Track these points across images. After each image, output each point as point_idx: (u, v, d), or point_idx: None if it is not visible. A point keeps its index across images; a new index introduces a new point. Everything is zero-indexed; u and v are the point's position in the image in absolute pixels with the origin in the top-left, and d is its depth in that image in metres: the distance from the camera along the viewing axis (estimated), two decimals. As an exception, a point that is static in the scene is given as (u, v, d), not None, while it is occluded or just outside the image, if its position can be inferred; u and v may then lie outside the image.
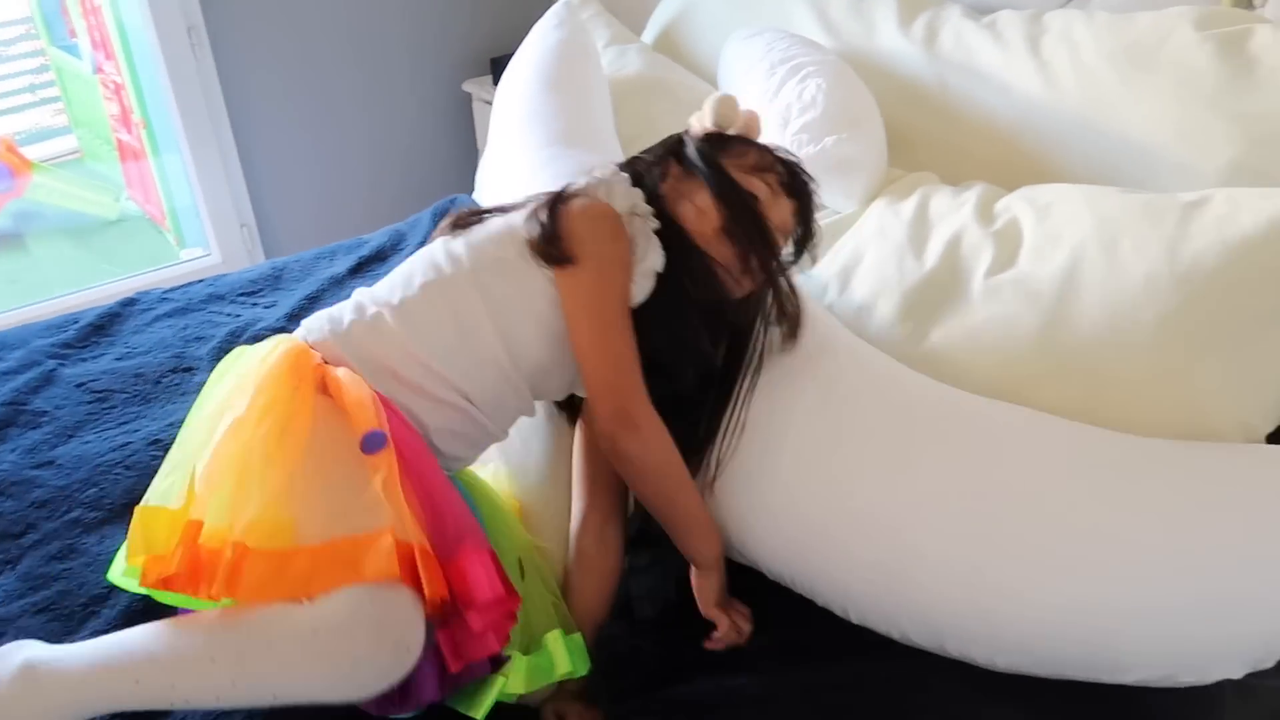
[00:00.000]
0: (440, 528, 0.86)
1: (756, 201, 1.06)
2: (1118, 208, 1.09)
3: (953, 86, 1.45)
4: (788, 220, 1.10)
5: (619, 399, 0.98)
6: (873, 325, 1.20)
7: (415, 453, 0.90)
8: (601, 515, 1.09)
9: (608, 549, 1.08)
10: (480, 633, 0.84)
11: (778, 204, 1.08)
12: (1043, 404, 1.02)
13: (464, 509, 0.91)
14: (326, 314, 1.08)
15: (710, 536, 1.03)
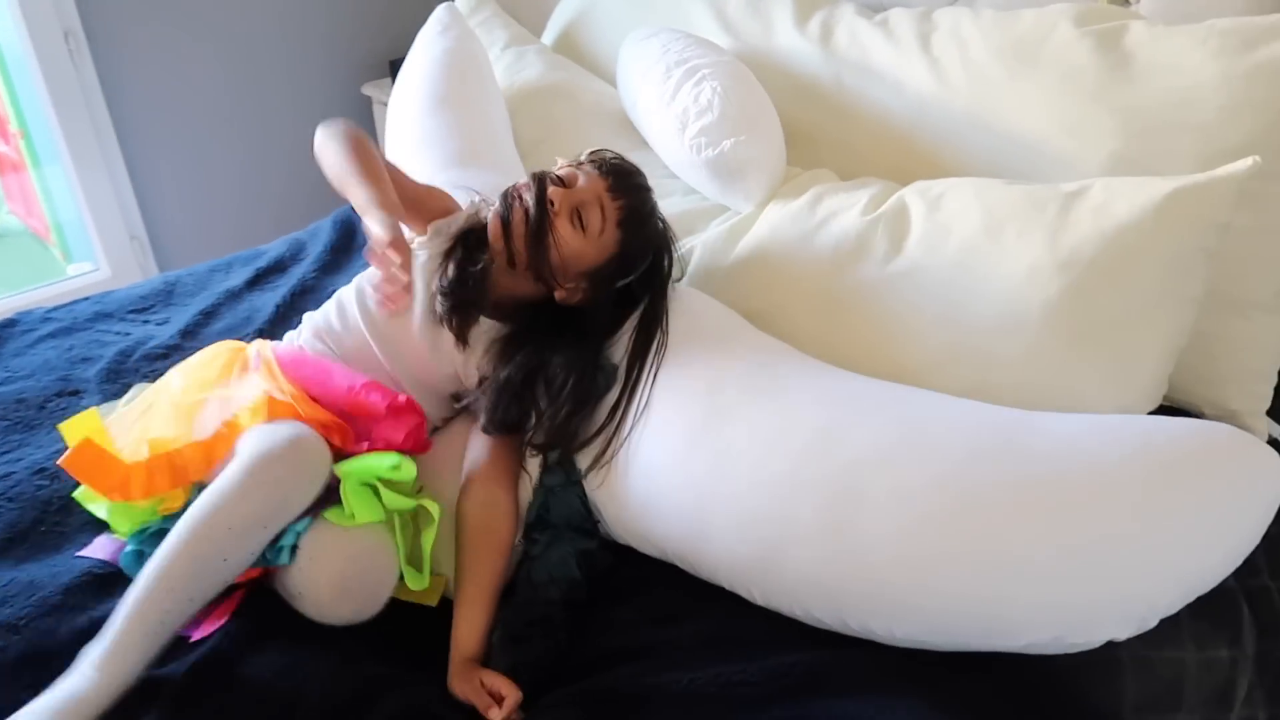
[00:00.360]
0: (332, 385, 1.12)
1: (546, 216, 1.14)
2: (1003, 198, 1.12)
3: (849, 84, 1.47)
4: (589, 196, 1.16)
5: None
6: (775, 321, 1.21)
7: (301, 363, 1.17)
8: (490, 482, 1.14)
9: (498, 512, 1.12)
10: (400, 435, 1.09)
11: (586, 180, 1.16)
12: (939, 389, 1.05)
13: (349, 373, 1.14)
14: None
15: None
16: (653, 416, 1.08)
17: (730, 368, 1.08)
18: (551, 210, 1.15)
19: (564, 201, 1.16)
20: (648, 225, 1.20)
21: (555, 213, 1.15)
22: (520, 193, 1.17)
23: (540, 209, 1.14)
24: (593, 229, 1.16)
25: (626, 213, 1.17)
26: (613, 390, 1.12)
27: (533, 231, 1.14)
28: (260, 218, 2.76)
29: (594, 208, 1.16)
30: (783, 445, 0.97)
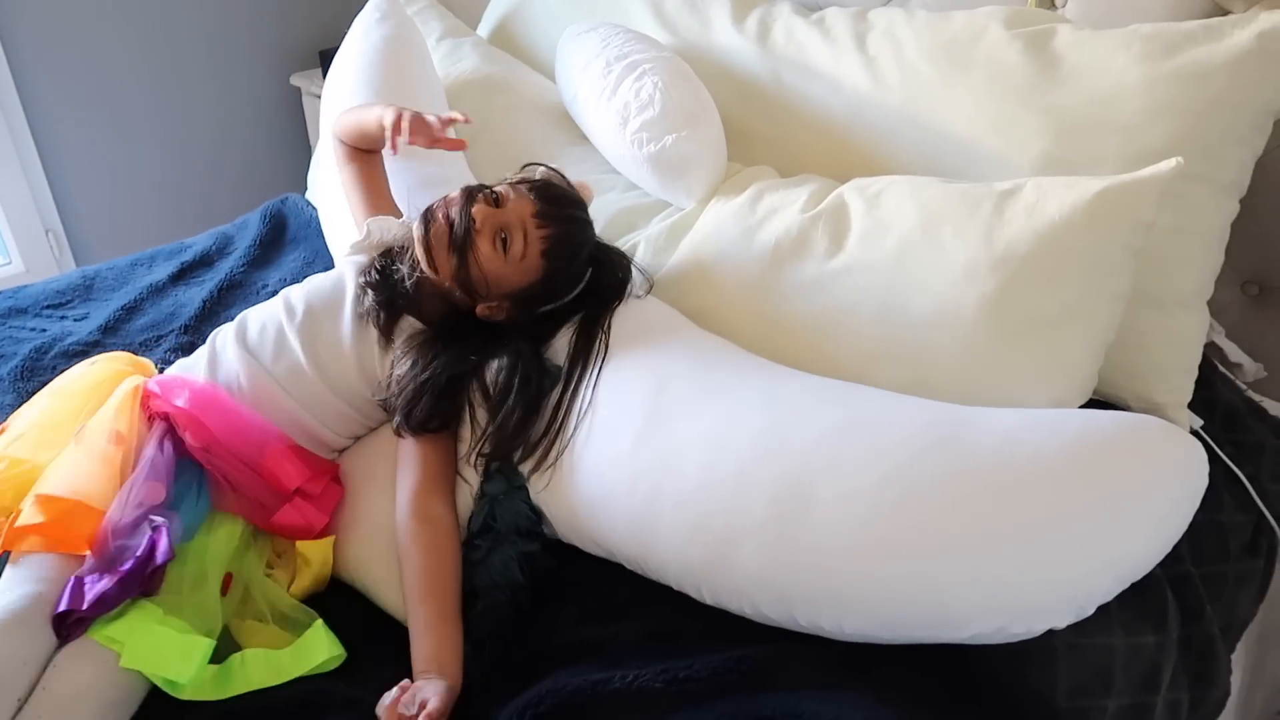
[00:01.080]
0: (243, 444, 1.08)
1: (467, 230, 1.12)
2: (940, 197, 1.14)
3: (786, 82, 1.48)
4: (514, 219, 1.13)
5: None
6: (717, 318, 1.22)
7: (208, 403, 1.10)
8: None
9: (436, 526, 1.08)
10: (305, 514, 1.08)
11: (515, 202, 1.14)
12: (877, 384, 1.06)
13: (265, 429, 1.10)
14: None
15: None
16: (597, 418, 1.07)
17: (674, 367, 1.08)
18: (474, 227, 1.12)
19: (487, 221, 1.12)
20: (577, 257, 1.17)
21: (478, 230, 1.12)
22: (448, 206, 1.15)
23: (465, 223, 1.12)
24: (514, 253, 1.13)
25: (552, 242, 1.14)
26: (554, 391, 1.11)
27: (455, 245, 1.12)
28: (182, 212, 2.67)
29: (518, 231, 1.13)
30: (730, 445, 0.97)
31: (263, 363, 1.14)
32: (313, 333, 1.17)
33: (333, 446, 1.18)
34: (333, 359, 1.16)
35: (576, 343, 1.15)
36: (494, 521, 1.09)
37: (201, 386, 1.12)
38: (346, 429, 1.18)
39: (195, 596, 0.98)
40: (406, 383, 1.12)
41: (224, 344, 1.18)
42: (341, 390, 1.15)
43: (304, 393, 1.14)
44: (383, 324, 1.15)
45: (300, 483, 1.08)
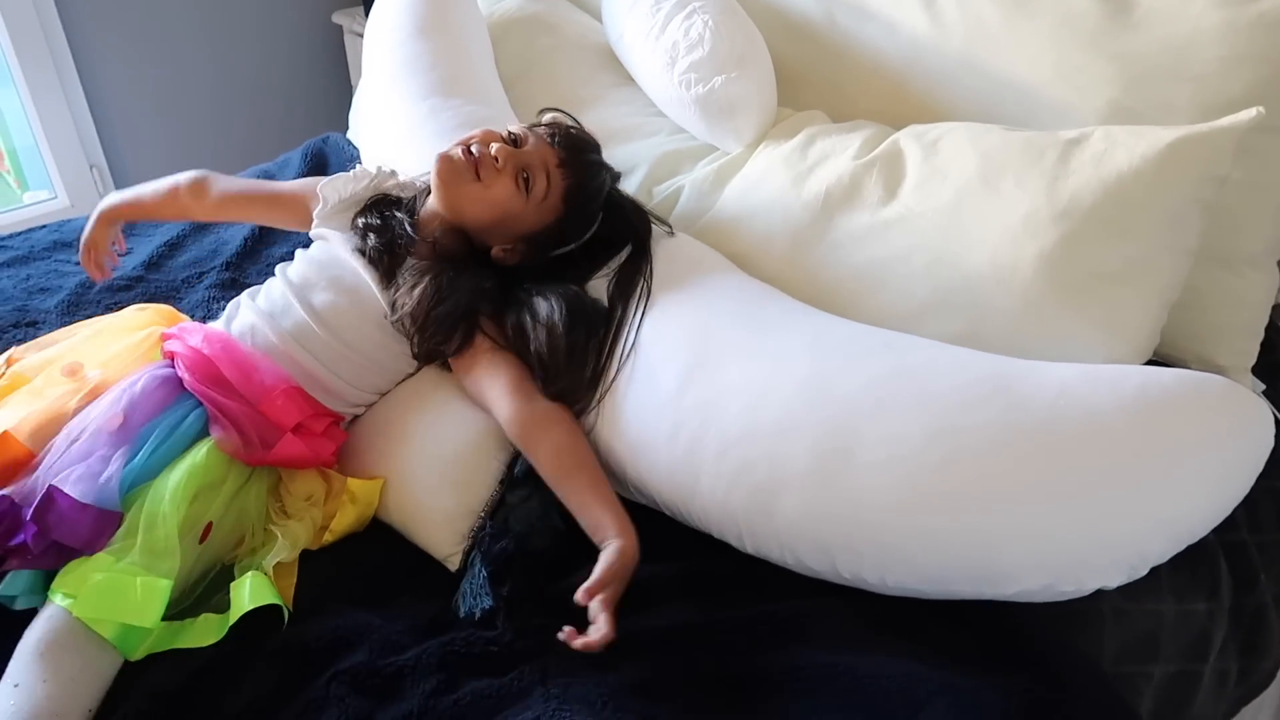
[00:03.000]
0: (248, 383, 1.08)
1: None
2: (1001, 145, 1.10)
3: (841, 23, 1.43)
4: (536, 161, 1.14)
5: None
6: (762, 265, 1.19)
7: (223, 353, 1.10)
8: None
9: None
10: (307, 447, 1.07)
11: (536, 146, 1.15)
12: (926, 337, 1.04)
13: (273, 371, 1.10)
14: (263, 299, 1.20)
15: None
16: (640, 361, 1.05)
17: (719, 311, 1.06)
18: (495, 166, 1.13)
19: (510, 160, 1.14)
20: (593, 202, 1.18)
21: (499, 169, 1.13)
22: (468, 143, 1.15)
23: (487, 158, 1.13)
24: (536, 193, 1.14)
25: (573, 185, 1.16)
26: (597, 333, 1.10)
27: (476, 177, 1.13)
28: (225, 149, 2.67)
29: (540, 172, 1.14)
30: (774, 392, 0.95)
31: (275, 321, 1.14)
32: (310, 293, 1.16)
33: (353, 401, 1.16)
34: (335, 312, 1.14)
35: (618, 284, 1.14)
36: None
37: (216, 332, 1.13)
38: (366, 381, 1.16)
39: (148, 538, 0.95)
40: (422, 308, 1.10)
41: (237, 306, 1.19)
42: (352, 340, 1.14)
43: (317, 348, 1.13)
44: (385, 266, 1.14)
45: (300, 419, 1.07)
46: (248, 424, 1.06)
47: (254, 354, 1.11)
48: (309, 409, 1.10)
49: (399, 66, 1.52)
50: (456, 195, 1.14)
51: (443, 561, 1.06)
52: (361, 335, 1.14)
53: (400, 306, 1.11)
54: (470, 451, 1.10)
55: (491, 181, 1.13)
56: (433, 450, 1.10)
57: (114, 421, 1.01)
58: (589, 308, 1.12)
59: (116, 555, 0.94)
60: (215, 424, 1.06)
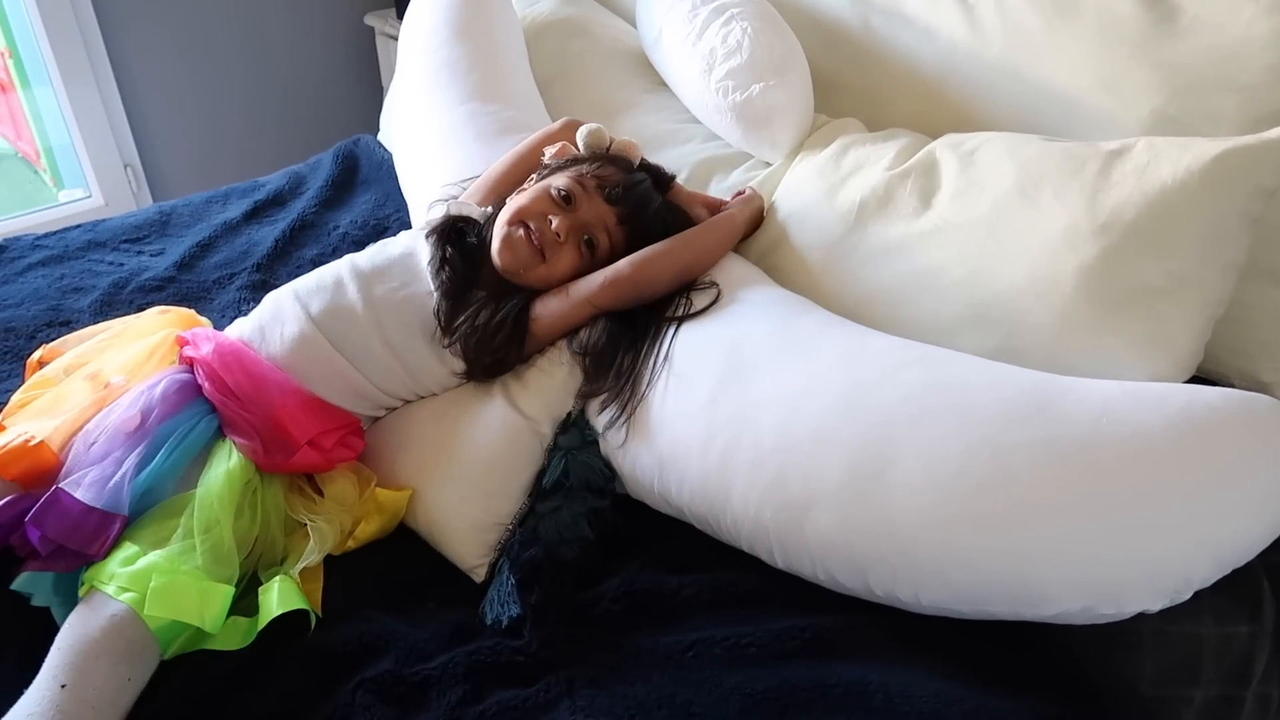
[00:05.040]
0: (259, 397, 1.07)
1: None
2: (1040, 156, 1.08)
3: (876, 29, 1.42)
4: (594, 219, 1.16)
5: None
6: (796, 275, 1.18)
7: (234, 362, 1.09)
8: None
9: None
10: (315, 457, 1.07)
11: (590, 202, 1.16)
12: (958, 350, 1.02)
13: (284, 385, 1.09)
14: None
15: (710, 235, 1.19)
16: (673, 372, 1.04)
17: (753, 322, 1.05)
18: (558, 242, 1.14)
19: (570, 231, 1.14)
20: (653, 236, 1.18)
21: (562, 243, 1.14)
22: (524, 218, 1.15)
23: (550, 236, 1.15)
24: (601, 253, 1.16)
25: (634, 236, 1.17)
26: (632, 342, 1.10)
27: (540, 258, 1.15)
28: (257, 150, 2.69)
29: (601, 232, 1.16)
30: (808, 404, 0.94)
31: (312, 312, 1.13)
32: (375, 282, 1.15)
33: (377, 403, 1.16)
34: (391, 308, 1.14)
35: (655, 302, 1.13)
36: (567, 478, 1.08)
37: (226, 341, 1.12)
38: (393, 387, 1.15)
39: (209, 543, 0.95)
40: (476, 324, 1.11)
41: (277, 299, 1.17)
42: (395, 340, 1.12)
43: (353, 343, 1.12)
44: (452, 291, 1.14)
45: (312, 436, 1.06)
46: (265, 432, 1.06)
47: (263, 365, 1.10)
48: (323, 421, 1.09)
49: (436, 70, 1.52)
50: (523, 278, 1.16)
51: (468, 573, 1.06)
52: (406, 339, 1.13)
53: (457, 331, 1.12)
54: (501, 462, 1.09)
55: (557, 260, 1.14)
56: (462, 460, 1.09)
57: (130, 423, 1.01)
58: (637, 313, 1.13)
59: (180, 557, 0.94)
60: (232, 430, 1.06)
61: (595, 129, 1.25)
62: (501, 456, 1.10)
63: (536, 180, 1.23)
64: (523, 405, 1.12)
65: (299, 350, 1.12)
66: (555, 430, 1.11)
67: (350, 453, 1.11)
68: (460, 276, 1.15)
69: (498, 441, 1.10)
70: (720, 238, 1.20)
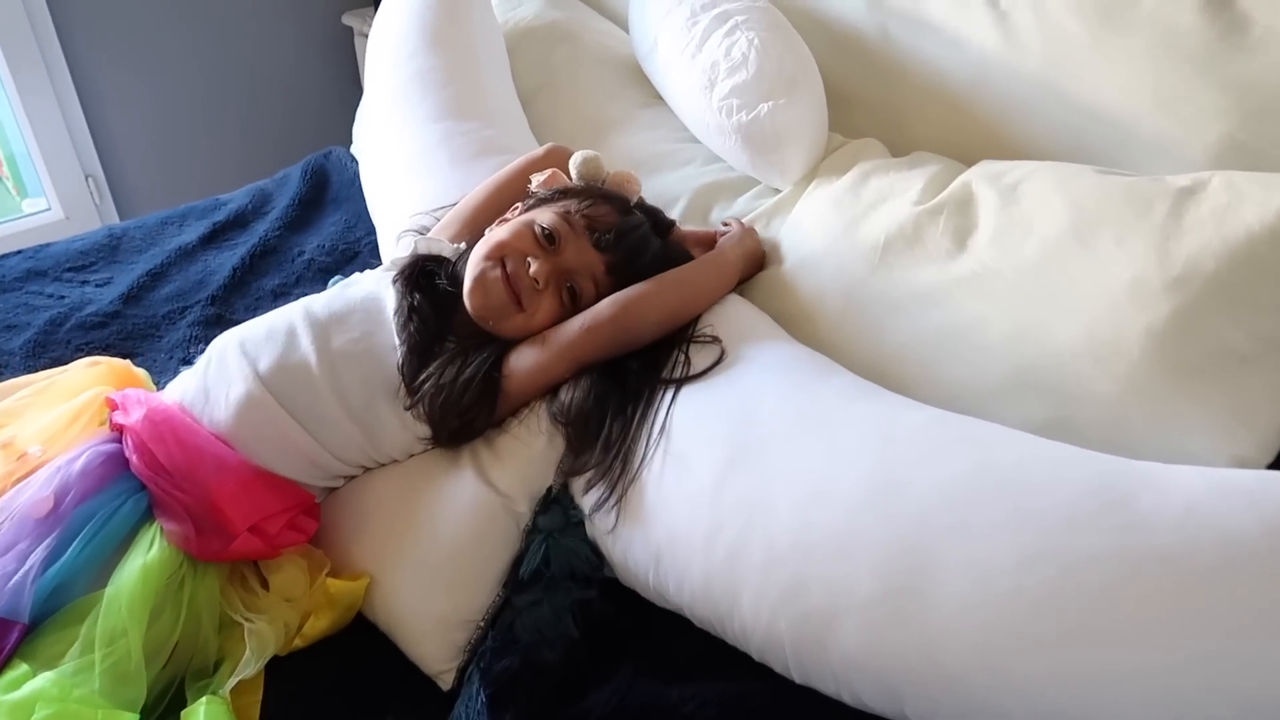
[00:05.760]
0: (194, 473, 0.92)
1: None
2: (1097, 192, 0.93)
3: (896, 37, 1.27)
4: (579, 265, 1.01)
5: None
6: (813, 326, 1.03)
7: (166, 432, 0.94)
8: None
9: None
10: (257, 544, 0.92)
11: (577, 245, 1.02)
12: (1005, 422, 0.87)
13: (223, 458, 0.94)
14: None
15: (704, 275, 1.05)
16: (672, 446, 0.90)
17: (765, 388, 0.90)
18: (536, 289, 0.99)
19: (551, 276, 1.00)
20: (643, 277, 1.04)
21: (540, 290, 0.99)
22: (503, 255, 1.01)
23: (527, 284, 1.00)
24: (585, 302, 1.02)
25: (624, 282, 1.03)
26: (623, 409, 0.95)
27: (516, 308, 1.01)
28: (229, 159, 2.54)
29: (586, 280, 1.02)
30: (831, 494, 0.80)
31: (260, 368, 0.98)
32: (333, 331, 1.01)
33: (334, 473, 1.00)
34: (350, 363, 0.99)
35: (649, 352, 0.99)
36: (547, 567, 0.93)
37: (159, 406, 0.97)
38: (351, 454, 1.00)
39: (110, 659, 0.81)
40: (442, 383, 0.97)
41: (222, 350, 1.03)
42: (353, 400, 0.98)
43: (305, 405, 0.97)
44: (421, 340, 0.99)
45: (254, 521, 0.92)
46: (199, 515, 0.91)
47: (200, 435, 0.95)
48: (268, 503, 0.94)
49: (408, 82, 1.37)
50: (496, 327, 1.02)
51: (434, 678, 0.92)
52: (366, 398, 0.98)
53: (421, 390, 0.97)
54: (470, 547, 0.95)
55: (535, 308, 1.00)
56: (426, 545, 0.95)
57: (42, 507, 0.87)
58: (627, 371, 0.98)
59: (73, 680, 0.80)
60: (161, 511, 0.91)
61: (591, 157, 1.10)
62: (471, 541, 0.95)
63: (521, 210, 1.08)
64: (496, 480, 0.97)
65: (245, 414, 0.97)
66: (534, 509, 0.97)
67: (300, 536, 0.97)
68: (429, 328, 1.01)
69: (467, 523, 0.96)
70: (715, 278, 1.06)
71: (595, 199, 1.05)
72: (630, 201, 1.09)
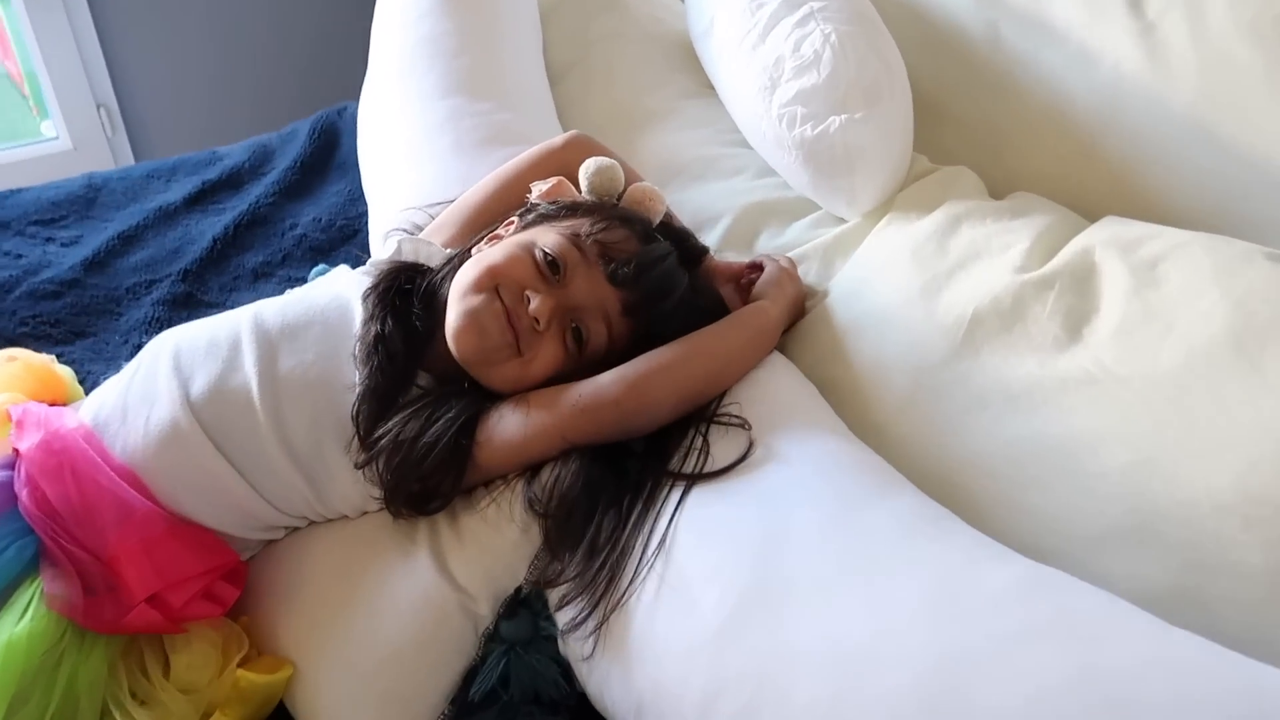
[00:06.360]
0: (90, 520, 0.76)
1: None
2: (1269, 286, 0.71)
3: (1009, 44, 1.03)
4: (590, 301, 0.81)
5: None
6: (868, 407, 0.82)
7: (62, 470, 0.78)
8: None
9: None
10: (155, 618, 0.76)
11: (588, 275, 0.81)
12: (1111, 580, 0.66)
13: (126, 505, 0.77)
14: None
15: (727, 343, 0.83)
16: (672, 567, 0.70)
17: (799, 507, 0.69)
18: (536, 330, 0.79)
19: (555, 316, 0.80)
20: (669, 328, 0.83)
21: (541, 331, 0.79)
22: (496, 283, 0.80)
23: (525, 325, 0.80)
24: (593, 347, 0.82)
25: (641, 332, 0.83)
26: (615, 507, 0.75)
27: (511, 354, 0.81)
28: (252, 99, 2.36)
29: (597, 320, 0.81)
30: (869, 683, 0.59)
31: (191, 392, 0.80)
32: (283, 348, 0.83)
33: (269, 524, 0.83)
34: (297, 395, 0.81)
35: (658, 430, 0.79)
36: (505, 688, 0.75)
37: (59, 430, 0.80)
38: (293, 504, 0.82)
39: None
40: (401, 439, 0.78)
41: (154, 357, 0.84)
42: (297, 441, 0.80)
43: (239, 443, 0.79)
44: (385, 382, 0.80)
45: (157, 588, 0.75)
46: (92, 573, 0.74)
47: (102, 473, 0.77)
48: (179, 565, 0.76)
49: (415, 48, 1.17)
50: (485, 376, 0.82)
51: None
52: (312, 441, 0.80)
53: (376, 446, 0.78)
54: (413, 651, 0.76)
55: (534, 354, 0.80)
56: (360, 639, 0.77)
57: None
58: (628, 454, 0.79)
59: None
60: (48, 564, 0.75)
61: (607, 166, 0.89)
62: (416, 642, 0.77)
63: (517, 227, 0.88)
64: (455, 569, 0.78)
65: (165, 446, 0.79)
66: (497, 611, 0.78)
67: (214, 608, 0.79)
68: (396, 367, 0.81)
69: (413, 619, 0.77)
70: (751, 345, 0.85)
71: (611, 220, 0.84)
72: (652, 223, 0.88)
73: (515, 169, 0.98)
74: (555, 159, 0.97)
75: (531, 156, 0.99)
